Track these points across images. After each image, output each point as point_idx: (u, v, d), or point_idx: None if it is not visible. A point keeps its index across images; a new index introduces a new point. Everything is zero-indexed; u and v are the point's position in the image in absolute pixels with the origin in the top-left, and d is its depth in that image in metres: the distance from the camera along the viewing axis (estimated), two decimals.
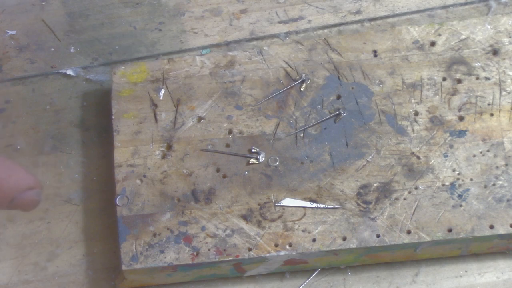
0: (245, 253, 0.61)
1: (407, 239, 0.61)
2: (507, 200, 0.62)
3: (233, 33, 0.71)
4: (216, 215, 0.62)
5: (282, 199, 0.62)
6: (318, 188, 0.62)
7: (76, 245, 0.65)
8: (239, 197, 0.62)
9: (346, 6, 0.72)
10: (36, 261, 0.65)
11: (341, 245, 0.61)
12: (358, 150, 0.63)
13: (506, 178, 0.62)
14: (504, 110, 0.64)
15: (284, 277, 0.64)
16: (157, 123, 0.64)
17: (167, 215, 0.62)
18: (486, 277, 0.63)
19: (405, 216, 0.61)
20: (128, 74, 0.65)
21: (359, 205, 0.62)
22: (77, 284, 0.64)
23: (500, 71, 0.65)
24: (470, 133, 0.64)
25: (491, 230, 0.61)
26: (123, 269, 0.60)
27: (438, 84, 0.65)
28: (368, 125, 0.64)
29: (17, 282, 0.64)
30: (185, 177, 0.63)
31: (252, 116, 0.64)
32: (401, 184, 0.62)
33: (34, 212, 0.65)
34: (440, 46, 0.66)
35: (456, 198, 0.62)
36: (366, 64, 0.66)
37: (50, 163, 0.67)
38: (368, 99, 0.65)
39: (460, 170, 0.63)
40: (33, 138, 0.68)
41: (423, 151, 0.63)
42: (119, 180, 0.63)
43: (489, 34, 0.66)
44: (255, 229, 0.61)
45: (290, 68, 0.66)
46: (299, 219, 0.62)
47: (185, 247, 0.61)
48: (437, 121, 0.64)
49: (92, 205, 0.66)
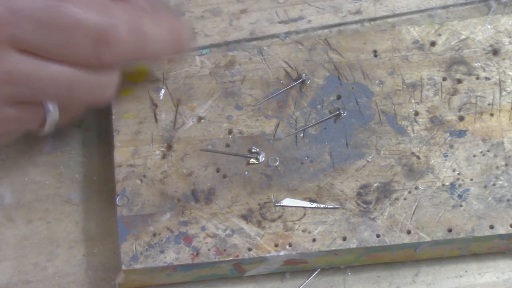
0: (245, 253, 0.61)
1: (407, 239, 0.61)
2: (507, 200, 0.62)
3: (233, 33, 0.71)
4: (216, 215, 0.62)
5: (282, 199, 0.62)
6: (318, 188, 0.62)
7: (76, 245, 0.65)
8: (239, 197, 0.62)
9: (346, 6, 0.72)
10: (36, 261, 0.65)
11: (341, 245, 0.61)
12: (358, 150, 0.63)
13: (506, 178, 0.62)
14: (504, 110, 0.64)
15: (284, 277, 0.64)
16: (157, 123, 0.64)
17: (167, 215, 0.62)
18: (486, 277, 0.63)
19: (405, 216, 0.61)
20: (128, 74, 0.65)
21: (359, 205, 0.62)
22: (77, 284, 0.64)
23: (500, 71, 0.65)
24: (470, 133, 0.64)
25: (491, 230, 0.61)
26: (123, 269, 0.60)
27: (438, 84, 0.65)
28: (368, 125, 0.64)
29: (17, 282, 0.64)
30: (185, 177, 0.63)
31: (252, 116, 0.64)
32: (401, 184, 0.62)
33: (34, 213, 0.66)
34: (440, 46, 0.66)
35: (456, 198, 0.62)
36: (366, 64, 0.66)
37: (50, 163, 0.67)
38: (368, 99, 0.65)
39: (460, 170, 0.63)
40: (33, 138, 0.68)
41: (423, 151, 0.63)
42: (119, 180, 0.63)
43: (489, 34, 0.66)
44: (255, 229, 0.61)
45: (290, 68, 0.66)
46: (299, 219, 0.62)
47: (185, 247, 0.61)
48: (437, 121, 0.64)
49: (92, 205, 0.66)
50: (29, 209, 0.66)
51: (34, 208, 0.66)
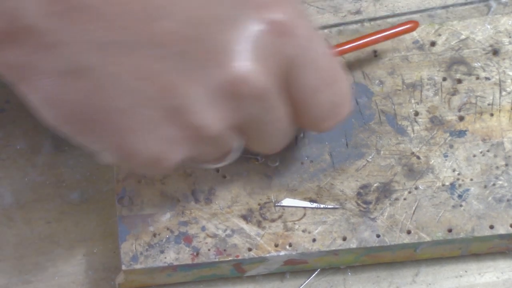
0: (245, 253, 0.61)
1: (407, 239, 0.61)
2: (507, 200, 0.62)
3: None
4: (216, 215, 0.62)
5: (282, 199, 0.62)
6: (318, 188, 0.62)
7: (76, 245, 0.65)
8: (239, 197, 0.62)
9: (346, 6, 0.72)
10: (36, 261, 0.65)
11: (341, 245, 0.61)
12: (358, 150, 0.63)
13: (506, 178, 0.62)
14: (504, 110, 0.64)
15: (284, 277, 0.64)
16: None
17: (167, 215, 0.62)
18: (486, 277, 0.63)
19: (405, 216, 0.61)
20: None
21: (359, 205, 0.62)
22: (77, 284, 0.64)
23: (500, 71, 0.65)
24: (470, 133, 0.64)
25: (491, 230, 0.61)
26: (123, 269, 0.60)
27: (438, 84, 0.65)
28: (368, 125, 0.64)
29: (17, 282, 0.64)
30: (185, 177, 0.63)
31: None
32: (401, 184, 0.62)
33: (34, 213, 0.66)
34: (440, 46, 0.66)
35: (456, 198, 0.62)
36: (366, 64, 0.66)
37: (50, 163, 0.67)
38: (368, 99, 0.65)
39: (460, 170, 0.63)
40: (33, 138, 0.68)
41: (423, 151, 0.63)
42: (119, 180, 0.63)
43: (489, 34, 0.66)
44: (255, 229, 0.61)
45: None
46: (299, 219, 0.62)
47: (185, 247, 0.61)
48: (437, 121, 0.64)
49: (92, 205, 0.66)
50: (29, 209, 0.66)
51: (34, 208, 0.66)
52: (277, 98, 0.52)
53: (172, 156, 0.52)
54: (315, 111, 0.54)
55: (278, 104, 0.52)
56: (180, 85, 0.49)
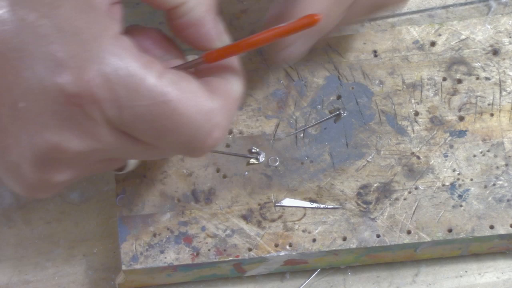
0: (245, 253, 0.61)
1: (407, 239, 0.61)
2: (507, 200, 0.62)
3: (233, 33, 0.71)
4: (216, 215, 0.62)
5: (282, 199, 0.62)
6: (318, 188, 0.62)
7: (76, 245, 0.65)
8: (239, 197, 0.62)
9: None
10: (36, 261, 0.65)
11: (341, 245, 0.61)
12: (358, 150, 0.63)
13: (506, 178, 0.62)
14: (504, 110, 0.64)
15: (284, 277, 0.64)
16: None
17: (167, 215, 0.62)
18: (486, 277, 0.63)
19: (405, 216, 0.61)
20: None
21: (359, 205, 0.62)
22: (77, 284, 0.64)
23: (500, 71, 0.65)
24: (470, 133, 0.64)
25: (491, 230, 0.61)
26: (123, 269, 0.60)
27: (438, 84, 0.65)
28: (368, 125, 0.64)
29: (17, 282, 0.64)
30: (185, 177, 0.63)
31: (252, 116, 0.64)
32: (401, 184, 0.62)
33: (34, 213, 0.66)
34: (440, 46, 0.66)
35: (456, 198, 0.62)
36: (366, 64, 0.66)
37: None
38: (368, 99, 0.65)
39: (460, 170, 0.63)
40: None
41: (423, 151, 0.63)
42: (119, 180, 0.63)
43: (489, 34, 0.66)
44: (255, 229, 0.61)
45: (290, 68, 0.66)
46: (299, 219, 0.62)
47: (185, 247, 0.61)
48: (437, 121, 0.64)
49: (92, 205, 0.66)
50: (29, 209, 0.66)
51: (34, 208, 0.66)
52: (102, 148, 0.51)
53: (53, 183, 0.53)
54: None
55: (109, 148, 0.52)
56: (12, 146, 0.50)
